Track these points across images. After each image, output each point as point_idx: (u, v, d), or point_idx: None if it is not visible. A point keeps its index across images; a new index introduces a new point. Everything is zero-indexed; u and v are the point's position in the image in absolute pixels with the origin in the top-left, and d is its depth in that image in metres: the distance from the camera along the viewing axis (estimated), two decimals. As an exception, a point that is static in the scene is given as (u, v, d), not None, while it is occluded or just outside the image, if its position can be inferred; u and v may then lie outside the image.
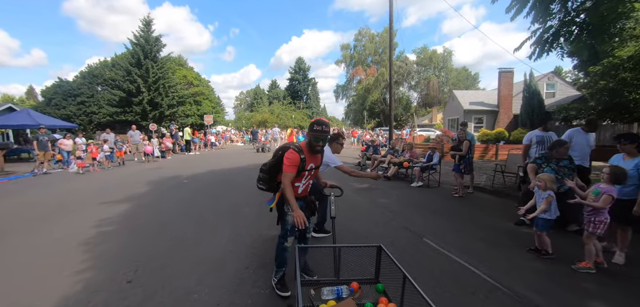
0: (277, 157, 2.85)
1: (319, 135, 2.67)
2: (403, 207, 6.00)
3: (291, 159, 2.63)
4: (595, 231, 3.38)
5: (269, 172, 2.92)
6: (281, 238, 2.84)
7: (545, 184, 3.74)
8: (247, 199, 6.44)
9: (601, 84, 14.51)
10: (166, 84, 33.72)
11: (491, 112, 22.02)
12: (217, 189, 7.64)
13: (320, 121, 2.71)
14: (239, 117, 66.60)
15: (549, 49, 7.17)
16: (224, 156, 16.66)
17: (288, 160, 2.63)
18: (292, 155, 2.64)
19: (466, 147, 6.89)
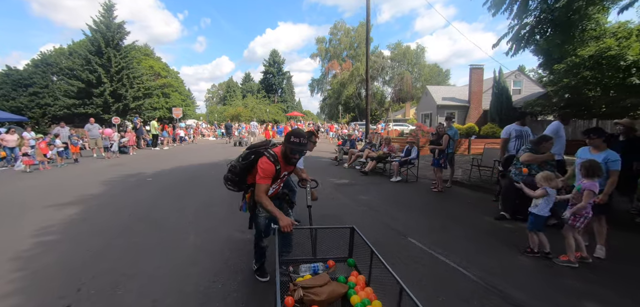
0: (249, 161, 2.67)
1: (295, 147, 2.51)
2: (384, 203, 5.78)
3: (266, 170, 2.49)
4: (575, 224, 3.32)
5: (239, 175, 2.76)
6: (257, 238, 2.86)
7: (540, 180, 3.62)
8: (216, 197, 5.93)
9: (564, 81, 15.22)
10: (131, 74, 31.63)
11: (462, 108, 22.63)
12: (184, 186, 7.03)
13: (298, 133, 2.55)
14: (211, 111, 64.28)
15: (525, 46, 7.24)
16: (194, 151, 15.76)
17: (263, 171, 2.48)
18: (268, 166, 2.50)
19: (446, 142, 6.79)
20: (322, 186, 3.52)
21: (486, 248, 3.79)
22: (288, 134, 2.55)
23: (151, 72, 44.59)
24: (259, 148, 2.70)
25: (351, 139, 11.81)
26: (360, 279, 2.05)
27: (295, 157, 2.57)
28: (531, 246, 3.60)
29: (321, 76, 54.03)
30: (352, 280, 2.05)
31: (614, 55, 12.93)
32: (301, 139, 2.52)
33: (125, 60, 30.93)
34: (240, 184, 2.82)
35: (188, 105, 53.16)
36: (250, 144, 2.97)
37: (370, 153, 9.70)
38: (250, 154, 2.69)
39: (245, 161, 2.70)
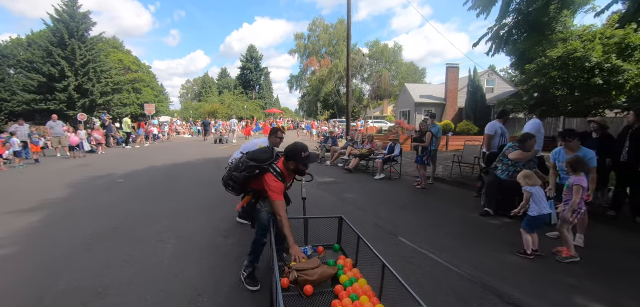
0: (253, 174, 2.70)
1: (308, 160, 2.66)
2: (370, 201, 5.70)
3: (277, 188, 2.58)
4: (568, 217, 3.39)
5: (242, 184, 2.83)
6: (258, 235, 2.81)
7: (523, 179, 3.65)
8: (195, 199, 5.59)
9: (534, 80, 15.93)
10: (98, 68, 29.79)
11: (439, 105, 23.18)
12: (159, 188, 6.59)
13: (303, 147, 2.68)
14: (185, 107, 62.11)
15: (504, 45, 7.41)
16: (169, 149, 15.03)
17: (275, 189, 2.56)
18: (277, 184, 2.59)
19: (428, 139, 6.82)
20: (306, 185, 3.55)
21: (475, 245, 3.79)
22: (296, 151, 2.63)
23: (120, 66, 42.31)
24: (262, 163, 2.70)
25: (333, 136, 11.71)
26: (347, 262, 2.31)
27: (307, 167, 2.75)
28: (524, 247, 3.58)
29: (300, 72, 53.66)
30: (341, 262, 2.31)
31: (579, 57, 13.67)
32: (309, 151, 2.71)
33: (92, 52, 29.07)
34: (241, 190, 2.93)
35: (161, 101, 51.01)
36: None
37: (352, 150, 9.64)
38: (255, 169, 2.71)
39: (248, 174, 2.73)
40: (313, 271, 2.10)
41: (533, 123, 5.70)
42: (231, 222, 4.44)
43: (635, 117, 4.73)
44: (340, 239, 2.65)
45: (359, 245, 2.36)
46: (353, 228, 2.42)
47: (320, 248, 2.55)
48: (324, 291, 2.06)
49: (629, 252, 3.70)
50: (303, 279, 2.03)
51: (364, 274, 2.12)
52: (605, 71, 13.30)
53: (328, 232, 2.73)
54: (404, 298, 1.60)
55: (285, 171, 2.68)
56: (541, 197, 3.57)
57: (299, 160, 2.63)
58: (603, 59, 13.17)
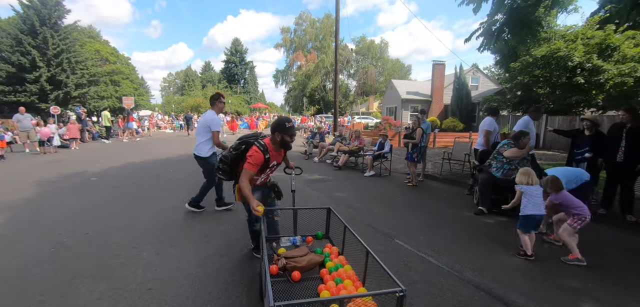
0: (240, 151, 2.83)
1: (292, 131, 2.73)
2: (362, 200, 5.49)
3: (255, 159, 2.61)
4: (574, 225, 3.29)
5: (230, 165, 2.92)
6: (250, 223, 3.05)
7: (520, 179, 3.52)
8: (175, 200, 5.18)
9: (518, 79, 16.17)
10: (72, 58, 28.24)
11: (425, 102, 23.32)
12: (136, 188, 6.12)
13: (287, 118, 2.82)
14: (167, 101, 60.25)
15: (495, 41, 7.34)
16: (149, 145, 14.36)
17: (252, 159, 2.61)
18: (257, 155, 2.62)
19: (419, 135, 6.67)
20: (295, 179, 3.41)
21: (474, 247, 3.63)
22: (281, 122, 2.71)
23: (97, 57, 40.42)
24: (249, 138, 2.82)
25: (321, 132, 11.45)
26: (333, 250, 2.43)
27: (293, 139, 2.76)
28: (524, 249, 3.46)
29: (286, 67, 52.97)
30: (327, 251, 2.40)
31: (562, 56, 13.94)
32: (292, 122, 2.80)
33: (66, 42, 27.50)
34: (231, 173, 2.95)
35: (141, 94, 49.23)
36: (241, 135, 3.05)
37: (341, 147, 9.42)
38: (241, 144, 2.83)
39: (236, 151, 2.85)
40: (301, 258, 2.21)
41: (522, 120, 5.70)
42: (216, 225, 4.12)
43: (629, 115, 4.71)
44: (329, 230, 2.76)
45: (346, 234, 2.45)
46: (340, 218, 2.52)
47: (309, 238, 2.67)
48: (311, 277, 2.17)
49: (628, 251, 3.65)
50: (291, 265, 2.12)
51: (350, 261, 2.22)
52: (587, 71, 13.62)
53: (317, 224, 2.83)
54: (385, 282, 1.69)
55: (271, 145, 2.72)
56: (537, 196, 3.45)
57: (283, 130, 2.66)
58: (585, 59, 13.47)
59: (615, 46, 13.47)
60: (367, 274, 2.08)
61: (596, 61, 13.29)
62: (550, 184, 3.51)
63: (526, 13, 6.99)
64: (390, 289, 1.54)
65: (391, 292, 1.53)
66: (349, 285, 1.93)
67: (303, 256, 2.23)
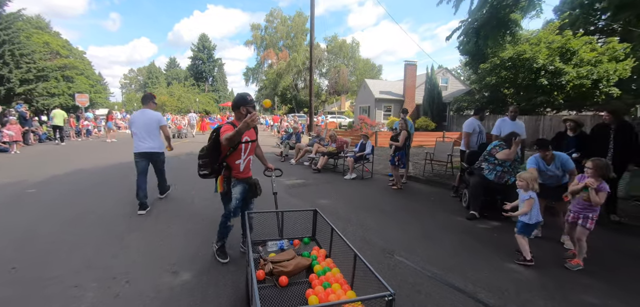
0: (213, 138, 2.89)
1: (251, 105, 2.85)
2: (349, 208, 5.06)
3: (226, 128, 2.70)
4: (591, 226, 3.10)
5: (209, 156, 2.91)
6: (225, 218, 3.00)
7: (527, 183, 3.26)
8: (132, 218, 4.38)
9: (487, 80, 16.70)
10: (16, 51, 25.41)
11: (398, 101, 23.55)
12: (83, 201, 5.09)
13: (246, 94, 2.95)
14: (128, 99, 56.39)
15: (476, 40, 7.27)
16: (104, 147, 12.96)
17: (224, 129, 2.71)
18: (226, 127, 2.74)
19: (403, 138, 6.38)
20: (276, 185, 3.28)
21: (477, 258, 3.34)
22: (240, 98, 2.89)
23: (46, 50, 36.76)
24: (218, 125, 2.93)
25: (297, 132, 10.91)
26: (321, 253, 2.38)
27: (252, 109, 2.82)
28: (524, 254, 3.25)
29: (257, 65, 51.65)
30: (315, 254, 2.37)
31: (528, 58, 14.53)
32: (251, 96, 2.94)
33: (7, 32, 24.65)
34: (213, 164, 2.92)
35: (98, 91, 45.60)
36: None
37: (320, 148, 8.97)
38: (213, 133, 2.91)
39: (210, 140, 2.91)
40: (288, 262, 2.16)
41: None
42: (184, 248, 3.47)
43: (612, 116, 4.70)
44: (315, 232, 2.71)
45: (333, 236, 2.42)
46: (327, 220, 2.47)
47: (296, 241, 2.62)
48: (299, 282, 2.12)
49: (625, 255, 3.56)
50: (278, 270, 2.07)
51: (337, 264, 2.19)
52: (549, 73, 14.32)
53: (303, 226, 2.77)
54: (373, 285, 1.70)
55: (238, 123, 2.75)
56: (537, 203, 3.27)
57: (246, 103, 2.83)
58: (548, 61, 14.14)
59: (574, 50, 14.26)
60: (355, 277, 2.03)
61: (558, 64, 13.99)
62: (599, 170, 3.04)
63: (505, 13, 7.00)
64: (379, 294, 1.52)
65: (380, 296, 1.52)
66: (338, 289, 1.91)
67: (290, 260, 2.19)
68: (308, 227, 2.71)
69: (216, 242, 3.11)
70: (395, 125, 7.01)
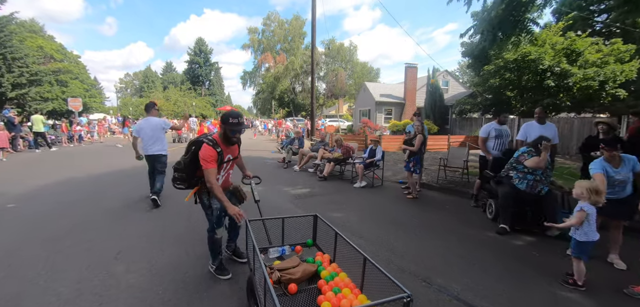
0: (191, 152, 2.69)
1: (235, 128, 2.64)
2: (366, 223, 4.61)
3: (208, 154, 2.55)
4: None
5: (185, 171, 2.76)
6: (210, 232, 2.85)
7: (582, 192, 2.83)
8: (124, 236, 3.91)
9: (491, 82, 16.39)
10: (8, 54, 24.81)
11: (398, 104, 23.21)
12: (70, 217, 4.51)
13: (235, 113, 2.69)
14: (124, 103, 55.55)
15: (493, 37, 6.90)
16: (98, 154, 12.39)
17: (205, 155, 2.55)
18: (208, 150, 2.56)
19: (419, 142, 5.96)
20: (277, 199, 3.49)
21: (524, 283, 2.93)
22: (225, 116, 2.65)
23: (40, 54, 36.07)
24: (198, 138, 2.69)
25: (299, 137, 10.45)
26: (325, 258, 2.37)
27: (235, 137, 2.69)
28: (576, 278, 2.83)
29: (254, 68, 51.20)
30: (319, 259, 2.35)
31: (533, 59, 14.23)
32: (239, 118, 2.65)
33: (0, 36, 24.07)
34: (189, 180, 2.81)
35: (93, 96, 44.87)
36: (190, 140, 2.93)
37: (326, 154, 8.52)
38: (191, 146, 2.72)
39: (187, 155, 2.73)
40: (295, 269, 2.12)
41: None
42: (188, 279, 3.00)
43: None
44: (316, 237, 2.69)
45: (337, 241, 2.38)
46: (330, 225, 2.45)
47: (298, 247, 2.59)
48: (307, 288, 2.07)
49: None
50: (286, 278, 2.02)
51: (343, 268, 2.17)
52: (556, 74, 14.03)
53: (304, 232, 2.71)
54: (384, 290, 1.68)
55: (219, 139, 2.67)
56: (593, 218, 2.82)
57: (226, 123, 2.62)
58: (554, 62, 13.85)
59: (580, 51, 14.00)
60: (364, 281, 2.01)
61: (565, 65, 13.71)
62: None
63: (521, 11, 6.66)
64: (397, 296, 1.51)
65: (399, 298, 1.50)
66: (348, 294, 1.90)
67: (296, 267, 2.16)
68: (308, 233, 2.68)
69: (212, 263, 2.94)
70: (409, 129, 6.58)
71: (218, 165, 2.63)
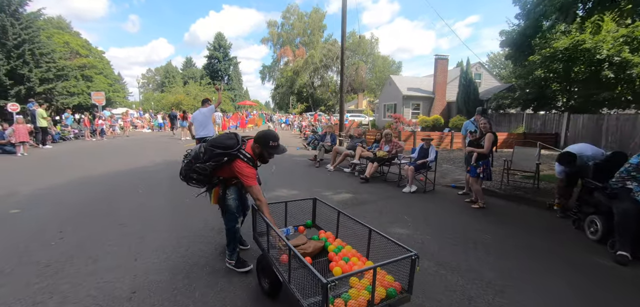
0: (221, 162, 2.60)
1: (274, 151, 2.70)
2: (437, 241, 3.73)
3: (251, 173, 2.60)
4: None
5: (209, 175, 2.71)
6: (230, 223, 2.81)
7: None
8: (143, 251, 3.26)
9: (536, 73, 14.95)
10: (36, 50, 25.25)
11: (427, 99, 21.95)
12: (79, 228, 3.88)
13: (274, 136, 2.72)
14: (146, 98, 56.56)
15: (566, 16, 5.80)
16: (119, 149, 12.06)
17: (249, 174, 2.58)
18: (250, 170, 2.60)
19: (489, 143, 4.99)
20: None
21: None
22: (266, 139, 2.66)
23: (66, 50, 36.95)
24: (231, 150, 2.59)
25: (332, 132, 9.61)
26: (328, 235, 2.64)
27: (272, 158, 2.79)
28: None
29: (273, 62, 50.69)
30: (323, 236, 2.63)
31: (588, 49, 12.73)
32: (278, 142, 2.70)
33: (28, 32, 24.50)
34: (207, 182, 2.80)
35: (117, 91, 45.77)
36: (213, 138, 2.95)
37: (364, 152, 7.66)
38: (223, 156, 2.61)
39: (216, 163, 2.63)
40: (306, 245, 2.38)
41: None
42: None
43: None
44: (315, 219, 2.96)
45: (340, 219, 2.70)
46: (331, 206, 2.75)
47: (301, 228, 2.82)
48: (320, 260, 2.33)
49: None
50: (302, 251, 2.19)
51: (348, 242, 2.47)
52: (615, 65, 12.50)
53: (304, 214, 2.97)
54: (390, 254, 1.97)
55: (253, 155, 2.69)
56: None
57: (265, 147, 2.66)
58: (614, 51, 12.32)
59: (644, 38, 12.39)
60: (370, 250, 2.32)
61: (627, 55, 12.16)
62: None
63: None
64: (405, 255, 1.84)
65: (407, 257, 1.83)
66: (357, 261, 2.17)
67: (307, 243, 2.40)
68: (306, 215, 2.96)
69: (229, 259, 2.87)
70: (471, 127, 5.62)
71: None
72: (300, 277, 1.95)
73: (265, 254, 2.36)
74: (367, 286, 1.81)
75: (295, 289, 1.89)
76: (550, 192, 5.65)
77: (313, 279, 1.79)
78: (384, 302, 1.80)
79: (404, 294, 1.89)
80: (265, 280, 2.45)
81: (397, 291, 1.87)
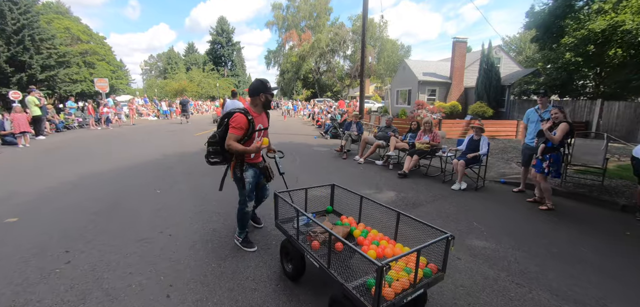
0: (224, 124, 2.77)
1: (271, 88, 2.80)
2: (533, 258, 3.07)
3: (238, 121, 2.66)
4: None
5: (220, 143, 2.80)
6: (241, 204, 2.92)
7: None
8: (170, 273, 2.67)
9: (566, 57, 14.04)
10: (36, 35, 24.56)
11: (443, 84, 21.05)
12: (84, 240, 3.25)
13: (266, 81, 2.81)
14: (149, 85, 55.73)
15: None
16: (127, 138, 11.43)
17: (234, 122, 2.66)
18: (240, 117, 2.66)
19: (562, 133, 4.28)
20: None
21: None
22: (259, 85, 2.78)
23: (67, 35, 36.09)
24: (231, 110, 2.76)
25: (358, 121, 8.89)
26: (351, 219, 2.68)
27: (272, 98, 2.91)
28: None
29: (278, 47, 49.38)
30: (346, 221, 2.65)
31: (629, 30, 11.78)
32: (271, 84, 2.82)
33: (27, 16, 23.75)
34: (224, 153, 2.83)
35: (120, 77, 45.03)
36: None
37: (399, 143, 6.97)
38: (224, 118, 2.80)
39: (221, 126, 2.80)
40: (335, 230, 2.31)
41: None
42: None
43: None
44: (333, 202, 3.01)
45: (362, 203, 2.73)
46: (351, 191, 2.76)
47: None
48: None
49: None
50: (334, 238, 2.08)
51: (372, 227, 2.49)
52: (658, 47, 11.58)
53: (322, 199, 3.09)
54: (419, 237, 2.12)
55: (251, 109, 2.79)
56: None
57: (265, 90, 2.77)
58: (659, 32, 11.37)
59: (691, 18, 11.43)
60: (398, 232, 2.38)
61: (673, 36, 11.22)
62: None
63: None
64: (441, 237, 1.90)
65: (443, 238, 1.89)
66: (386, 244, 2.21)
67: (333, 229, 2.33)
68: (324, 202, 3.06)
69: (238, 235, 3.05)
70: (534, 117, 4.91)
71: (249, 134, 2.72)
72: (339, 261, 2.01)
73: (293, 240, 2.42)
74: (404, 267, 1.89)
75: (336, 273, 1.93)
76: (616, 190, 5.00)
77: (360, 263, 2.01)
78: (423, 281, 1.90)
79: (439, 274, 1.98)
80: (288, 264, 2.58)
81: (432, 271, 1.96)
